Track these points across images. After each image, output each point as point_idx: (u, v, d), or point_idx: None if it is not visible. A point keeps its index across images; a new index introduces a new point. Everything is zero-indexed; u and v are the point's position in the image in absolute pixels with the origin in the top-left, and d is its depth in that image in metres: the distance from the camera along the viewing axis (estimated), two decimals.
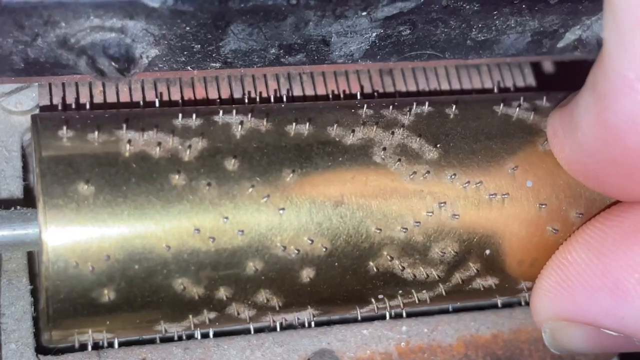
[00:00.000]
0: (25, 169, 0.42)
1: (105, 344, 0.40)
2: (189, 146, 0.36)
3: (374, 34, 0.40)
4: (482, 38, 0.42)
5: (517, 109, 0.41)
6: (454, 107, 0.40)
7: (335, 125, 0.39)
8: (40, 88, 0.42)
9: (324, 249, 0.38)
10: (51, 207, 0.35)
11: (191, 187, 0.36)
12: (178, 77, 0.43)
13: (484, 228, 0.39)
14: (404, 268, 0.39)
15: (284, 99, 0.44)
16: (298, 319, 0.40)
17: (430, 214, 0.38)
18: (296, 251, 0.37)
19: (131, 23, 0.36)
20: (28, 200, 0.41)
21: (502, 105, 0.41)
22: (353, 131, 0.38)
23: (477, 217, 0.39)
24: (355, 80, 0.46)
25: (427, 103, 0.40)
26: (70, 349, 0.40)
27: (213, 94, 0.43)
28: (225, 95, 0.44)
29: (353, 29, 0.39)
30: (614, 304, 0.35)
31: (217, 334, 0.42)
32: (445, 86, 0.47)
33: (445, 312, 0.45)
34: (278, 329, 0.43)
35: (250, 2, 0.36)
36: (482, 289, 0.41)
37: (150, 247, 0.35)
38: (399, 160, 0.38)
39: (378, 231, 0.38)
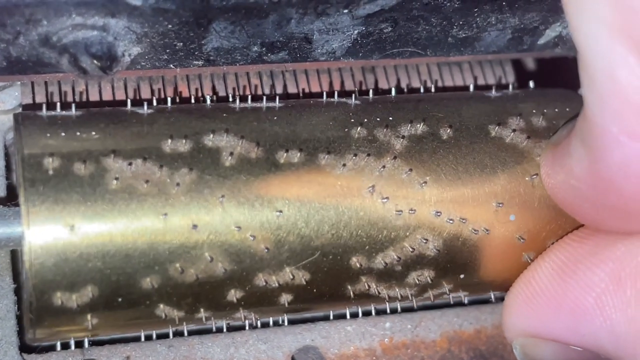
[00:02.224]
0: (9, 167, 0.42)
1: (89, 342, 0.40)
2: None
3: (356, 32, 0.40)
4: (463, 35, 0.42)
5: (512, 133, 0.41)
6: (449, 130, 0.40)
7: (326, 155, 0.38)
8: (22, 87, 0.42)
9: (304, 280, 0.38)
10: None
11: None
12: (161, 75, 0.43)
13: (463, 258, 0.40)
14: (379, 292, 0.40)
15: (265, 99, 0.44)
16: None
17: (412, 249, 0.39)
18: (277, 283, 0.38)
19: (113, 21, 0.36)
20: (11, 198, 0.41)
21: (497, 127, 0.41)
22: (344, 165, 0.38)
23: (458, 249, 0.40)
24: (337, 77, 0.46)
25: (422, 123, 0.40)
26: (54, 348, 0.40)
27: (196, 92, 0.44)
28: (207, 92, 0.44)
29: (335, 27, 0.39)
30: (575, 323, 0.36)
31: (201, 332, 0.43)
32: (428, 84, 0.47)
33: (428, 308, 0.46)
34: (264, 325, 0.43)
35: (231, 0, 0.36)
36: (451, 301, 0.44)
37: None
38: (386, 198, 0.38)
39: (358, 264, 0.39)
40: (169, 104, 0.40)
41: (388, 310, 0.44)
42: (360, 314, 0.44)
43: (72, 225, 0.35)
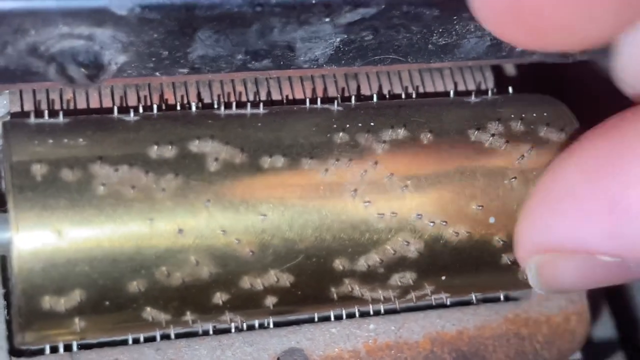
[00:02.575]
0: None
1: (78, 346, 0.41)
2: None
3: (338, 40, 0.41)
4: (443, 42, 0.43)
5: (491, 137, 0.41)
6: (429, 135, 0.41)
7: (309, 160, 0.39)
8: (10, 95, 0.42)
9: (289, 283, 0.39)
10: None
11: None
12: (147, 83, 0.43)
13: (444, 260, 0.41)
14: (362, 294, 0.41)
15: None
16: None
17: (394, 252, 0.40)
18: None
19: (99, 31, 0.36)
20: (0, 205, 0.41)
21: (476, 132, 0.42)
22: (327, 170, 0.39)
23: (439, 251, 0.41)
24: (321, 84, 0.47)
25: (403, 128, 0.41)
26: (43, 351, 0.41)
27: (182, 99, 0.44)
28: (193, 99, 0.44)
29: (317, 35, 0.40)
30: (613, 225, 0.32)
31: (188, 335, 0.43)
32: (409, 90, 0.48)
33: (411, 310, 0.46)
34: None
35: (216, 9, 0.37)
36: (433, 303, 0.45)
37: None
38: (368, 201, 0.39)
39: (341, 266, 0.40)
40: (155, 111, 0.40)
41: (372, 312, 0.45)
42: (344, 316, 0.45)
43: (59, 231, 0.35)
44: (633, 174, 0.32)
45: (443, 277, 0.42)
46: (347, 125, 0.41)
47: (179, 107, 0.43)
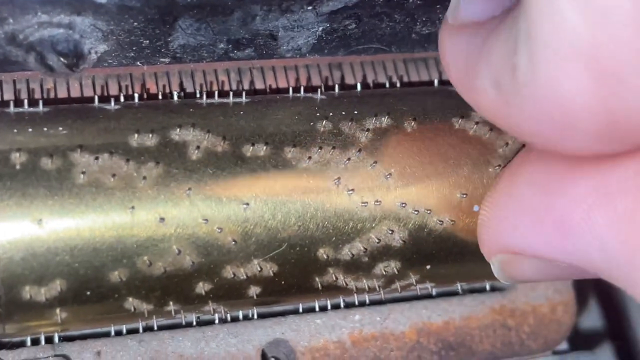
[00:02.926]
0: None
1: (60, 338, 0.40)
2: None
3: (321, 28, 0.41)
4: (427, 31, 0.43)
5: (475, 125, 0.41)
6: (413, 123, 0.41)
7: (292, 149, 0.39)
8: None
9: (272, 272, 0.39)
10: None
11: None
12: (129, 73, 0.43)
13: (428, 249, 0.41)
14: (347, 284, 0.41)
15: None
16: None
17: (378, 240, 0.40)
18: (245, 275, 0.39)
19: (79, 19, 0.36)
20: None
21: (460, 120, 0.41)
22: (310, 158, 0.39)
23: (423, 240, 0.41)
24: (304, 73, 0.46)
25: (387, 116, 0.41)
26: (25, 343, 0.41)
27: (163, 89, 0.44)
28: (175, 89, 0.44)
29: (299, 23, 0.40)
30: (562, 239, 0.33)
31: (172, 326, 0.43)
32: (394, 79, 0.48)
33: (397, 300, 0.46)
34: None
35: None
36: (419, 293, 0.45)
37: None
38: (352, 190, 0.39)
39: (325, 255, 0.39)
40: (137, 100, 0.40)
41: (357, 303, 0.45)
42: (329, 307, 0.45)
43: (39, 220, 0.35)
44: (579, 194, 0.33)
45: (428, 267, 0.42)
46: (331, 114, 0.40)
47: (160, 97, 0.43)
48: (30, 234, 0.35)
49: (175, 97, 0.41)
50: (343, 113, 0.40)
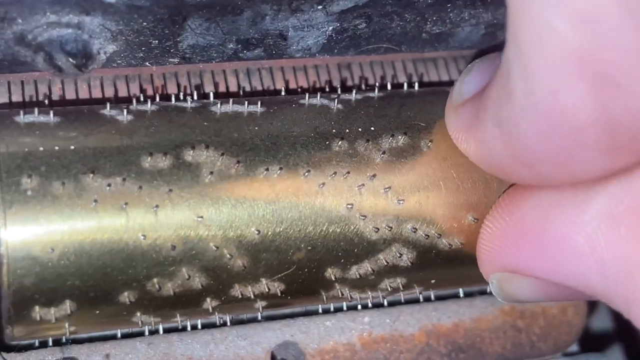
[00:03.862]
0: None
1: (69, 339, 0.40)
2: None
3: (331, 28, 0.40)
4: (437, 31, 0.43)
5: None
6: (429, 143, 0.40)
7: (306, 172, 0.38)
8: None
9: (279, 291, 0.39)
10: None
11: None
12: (137, 74, 0.43)
13: (435, 268, 0.41)
14: (352, 297, 0.41)
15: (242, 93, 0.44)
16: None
17: (387, 263, 0.40)
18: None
19: (88, 19, 0.36)
20: None
21: None
22: (323, 184, 0.38)
23: (431, 260, 0.40)
24: (313, 74, 0.46)
25: (404, 136, 0.40)
26: (33, 346, 0.40)
27: (172, 90, 0.44)
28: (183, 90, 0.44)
29: (309, 23, 0.40)
30: (562, 261, 0.34)
31: (181, 329, 0.43)
32: (402, 79, 0.47)
33: (406, 302, 0.46)
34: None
35: None
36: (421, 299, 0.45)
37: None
38: (364, 216, 0.38)
39: (333, 276, 0.39)
40: (149, 105, 0.39)
41: (369, 305, 0.45)
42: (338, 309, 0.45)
43: (50, 246, 0.35)
44: (584, 215, 0.33)
45: (433, 281, 0.42)
46: (347, 130, 0.39)
47: (173, 99, 0.41)
48: (41, 260, 0.35)
49: (189, 104, 0.39)
50: (360, 130, 0.40)
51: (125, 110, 0.38)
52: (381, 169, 0.39)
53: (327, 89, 0.45)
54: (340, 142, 0.39)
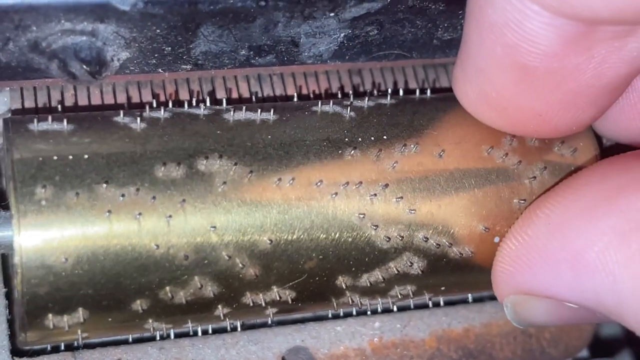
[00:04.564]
0: None
1: (81, 345, 0.40)
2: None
3: (342, 35, 0.40)
4: (448, 37, 0.43)
5: (504, 156, 0.40)
6: (442, 152, 0.40)
7: (318, 183, 0.38)
8: (11, 92, 0.42)
9: (290, 298, 0.39)
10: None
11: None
12: (149, 80, 0.43)
13: (445, 275, 0.41)
14: (362, 304, 0.41)
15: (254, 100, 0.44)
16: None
17: (398, 271, 0.40)
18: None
19: (102, 26, 0.36)
20: (1, 204, 0.41)
21: (490, 149, 0.40)
22: (336, 194, 0.38)
23: (441, 268, 0.41)
24: (324, 80, 0.46)
25: (416, 145, 0.40)
26: (46, 351, 0.41)
27: (184, 96, 0.44)
28: (196, 97, 0.44)
29: (321, 30, 0.40)
30: (575, 278, 0.35)
31: (192, 334, 0.43)
32: (413, 85, 0.47)
33: (417, 307, 0.46)
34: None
35: (219, 4, 0.36)
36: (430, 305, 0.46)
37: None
38: (376, 226, 0.39)
39: (344, 284, 0.40)
40: (162, 112, 0.39)
41: (379, 310, 0.45)
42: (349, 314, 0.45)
43: (64, 256, 0.35)
44: (596, 232, 0.34)
45: (443, 288, 0.42)
46: (359, 139, 0.39)
47: (186, 105, 0.41)
48: (55, 269, 0.35)
49: (202, 111, 0.39)
50: (372, 138, 0.39)
51: (138, 119, 0.38)
52: (393, 178, 0.39)
53: (339, 95, 0.45)
54: (352, 152, 0.39)
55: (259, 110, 0.39)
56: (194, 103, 0.40)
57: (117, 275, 0.36)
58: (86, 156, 0.36)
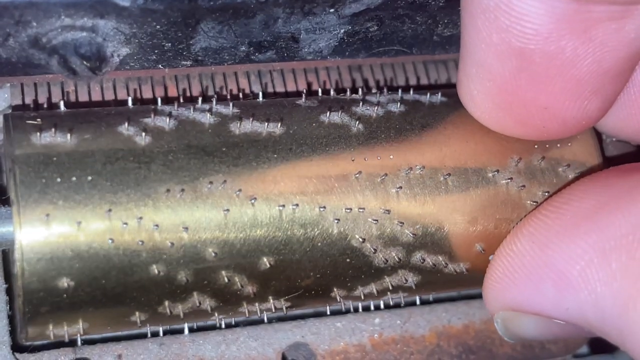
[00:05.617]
0: None
1: (82, 341, 0.40)
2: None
3: (342, 31, 0.40)
4: (448, 34, 0.43)
5: (508, 180, 0.40)
6: (448, 177, 0.40)
7: (322, 209, 0.38)
8: (12, 88, 0.42)
9: (285, 308, 0.40)
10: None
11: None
12: (149, 76, 0.43)
13: (438, 287, 0.43)
14: (355, 309, 0.43)
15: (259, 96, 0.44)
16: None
17: (392, 286, 0.40)
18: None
19: (102, 22, 0.36)
20: (1, 199, 0.41)
21: (495, 173, 0.40)
22: (338, 220, 0.38)
23: (434, 282, 0.42)
24: (325, 76, 0.46)
25: (422, 169, 0.39)
26: (46, 347, 0.41)
27: (185, 92, 0.44)
28: (196, 93, 0.44)
29: (321, 26, 0.40)
30: (559, 295, 0.35)
31: (192, 329, 0.43)
32: (413, 81, 0.47)
33: (417, 303, 0.46)
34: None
35: (219, 0, 0.36)
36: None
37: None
38: (375, 249, 0.39)
39: (339, 296, 0.41)
40: (167, 121, 0.38)
41: (381, 306, 0.45)
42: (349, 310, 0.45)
43: (67, 280, 0.35)
44: (577, 250, 0.35)
45: (432, 293, 0.45)
46: (365, 159, 0.39)
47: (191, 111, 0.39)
48: (56, 291, 0.35)
49: (208, 119, 0.38)
50: (378, 158, 0.39)
51: (143, 133, 0.37)
52: (396, 203, 0.39)
53: (339, 91, 0.45)
54: (358, 175, 0.39)
55: (266, 124, 0.39)
56: (199, 103, 0.39)
57: (117, 297, 0.36)
58: (90, 178, 0.36)
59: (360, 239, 0.38)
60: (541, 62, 0.34)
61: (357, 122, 0.40)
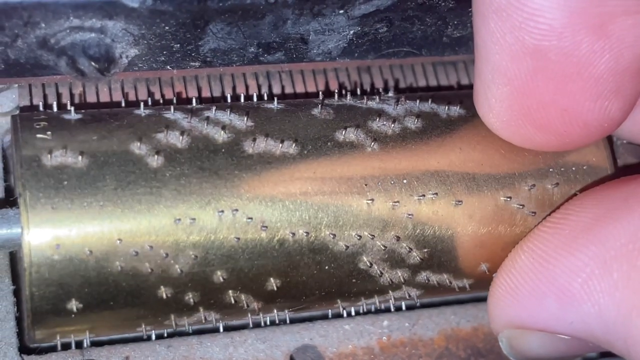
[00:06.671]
0: (6, 170, 0.42)
1: (89, 343, 0.40)
2: None
3: (352, 32, 0.40)
4: (458, 35, 0.43)
5: (520, 207, 0.40)
6: (459, 202, 0.39)
7: (329, 234, 0.38)
8: (20, 89, 0.42)
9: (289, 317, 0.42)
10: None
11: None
12: (158, 77, 0.43)
13: (440, 296, 0.44)
14: (356, 314, 0.44)
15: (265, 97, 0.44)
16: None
17: (395, 299, 0.41)
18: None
19: (111, 23, 0.36)
20: (9, 200, 0.41)
21: (506, 199, 0.40)
22: (347, 247, 0.38)
23: (434, 293, 0.42)
24: (333, 77, 0.46)
25: (434, 195, 0.39)
26: (54, 348, 0.41)
27: (192, 93, 0.44)
28: (205, 94, 0.44)
29: (331, 27, 0.40)
30: (562, 309, 0.35)
31: (200, 331, 0.43)
32: (422, 82, 0.47)
33: (426, 306, 0.46)
34: (262, 324, 0.44)
35: (228, 1, 0.36)
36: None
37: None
38: (381, 272, 0.39)
39: (342, 307, 0.41)
40: (180, 139, 0.37)
41: (391, 308, 0.45)
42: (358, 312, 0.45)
43: (75, 305, 0.36)
44: (578, 263, 0.35)
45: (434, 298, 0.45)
46: (379, 185, 0.38)
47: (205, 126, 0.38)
48: (65, 312, 0.36)
49: (221, 136, 0.37)
50: (392, 182, 0.39)
51: (156, 156, 0.36)
52: (405, 229, 0.39)
53: (350, 92, 0.44)
54: (369, 202, 0.38)
55: (280, 145, 0.38)
56: (213, 112, 0.38)
57: (124, 315, 0.37)
58: (101, 204, 0.35)
59: (368, 263, 0.39)
60: (557, 60, 0.34)
61: (373, 143, 0.39)
